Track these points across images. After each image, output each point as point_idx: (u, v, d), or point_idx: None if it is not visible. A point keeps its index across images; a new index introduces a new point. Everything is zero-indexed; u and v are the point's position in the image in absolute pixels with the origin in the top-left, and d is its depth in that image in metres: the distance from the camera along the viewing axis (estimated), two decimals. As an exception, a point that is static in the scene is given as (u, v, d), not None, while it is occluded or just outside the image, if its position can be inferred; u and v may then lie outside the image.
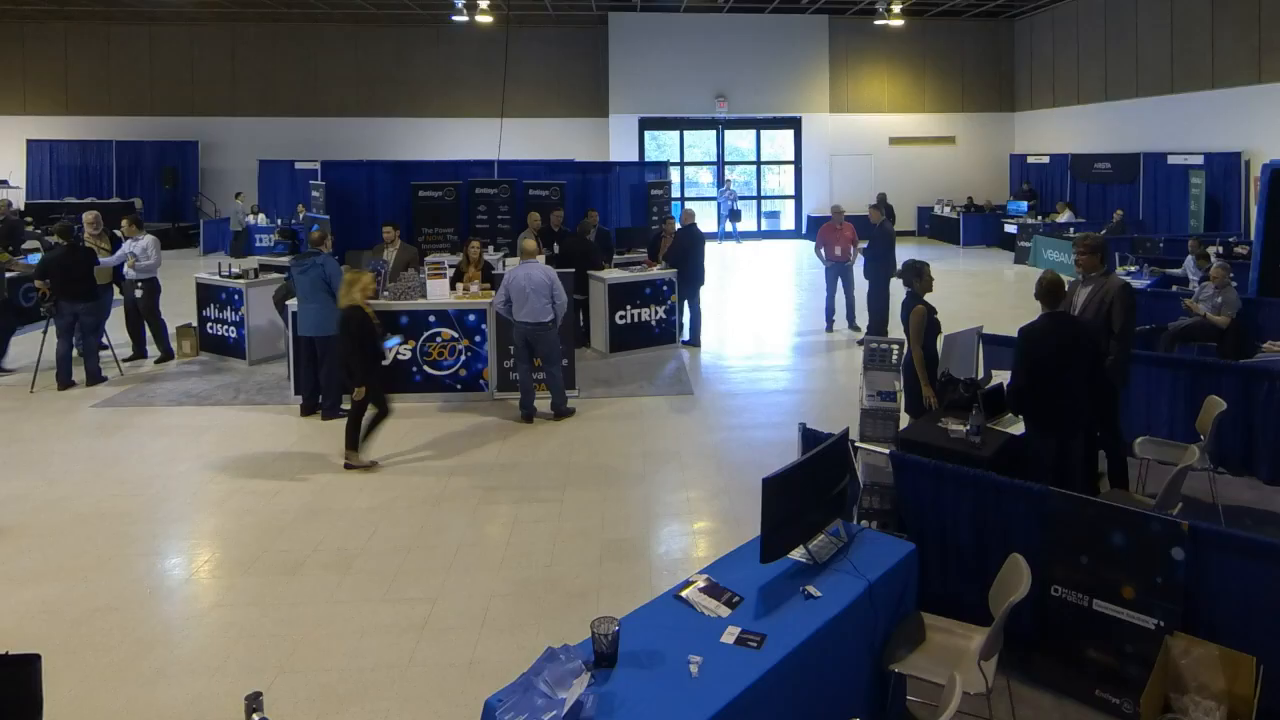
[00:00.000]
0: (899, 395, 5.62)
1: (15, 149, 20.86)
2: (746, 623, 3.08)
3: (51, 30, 21.49)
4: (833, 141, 22.03)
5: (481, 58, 20.98)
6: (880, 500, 4.10)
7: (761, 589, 3.29)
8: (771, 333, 11.14)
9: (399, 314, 7.96)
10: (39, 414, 7.81)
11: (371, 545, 5.13)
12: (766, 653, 2.91)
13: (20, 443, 7.08)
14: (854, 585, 3.26)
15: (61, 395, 8.36)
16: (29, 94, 21.79)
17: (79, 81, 21.82)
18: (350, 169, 14.76)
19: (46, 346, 8.71)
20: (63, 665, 4.01)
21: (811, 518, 3.53)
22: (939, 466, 3.97)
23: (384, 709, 3.65)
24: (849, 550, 3.51)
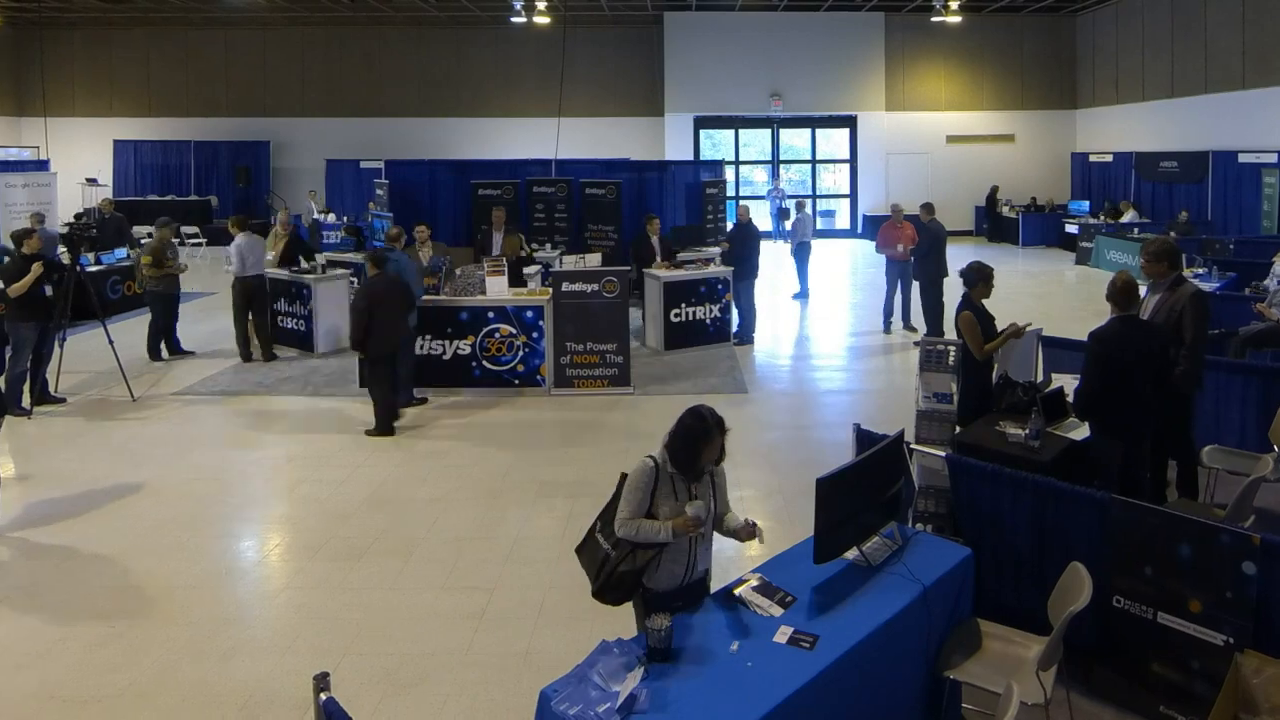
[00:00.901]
0: (955, 397, 5.50)
1: (104, 149, 21.67)
2: (799, 623, 3.06)
3: (136, 37, 22.25)
4: (888, 140, 21.66)
5: (539, 58, 21.12)
6: (936, 504, 4.03)
7: (815, 589, 3.26)
8: (826, 332, 11.01)
9: (459, 310, 8.07)
10: (119, 399, 8.11)
11: (432, 535, 5.22)
12: (819, 654, 2.88)
13: (105, 427, 7.37)
14: (908, 589, 3.20)
15: (163, 385, 8.65)
16: (116, 97, 22.62)
17: (161, 85, 22.57)
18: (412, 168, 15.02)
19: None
20: (149, 637, 4.18)
21: (866, 519, 3.49)
22: (997, 471, 3.88)
23: (443, 694, 3.72)
24: (903, 553, 3.45)
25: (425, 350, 8.09)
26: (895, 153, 21.64)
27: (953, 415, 5.46)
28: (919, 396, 5.63)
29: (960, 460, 4.06)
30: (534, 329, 8.04)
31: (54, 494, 5.92)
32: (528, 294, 8.42)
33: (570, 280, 8.13)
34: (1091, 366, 4.40)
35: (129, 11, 20.38)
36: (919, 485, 4.09)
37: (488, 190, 13.07)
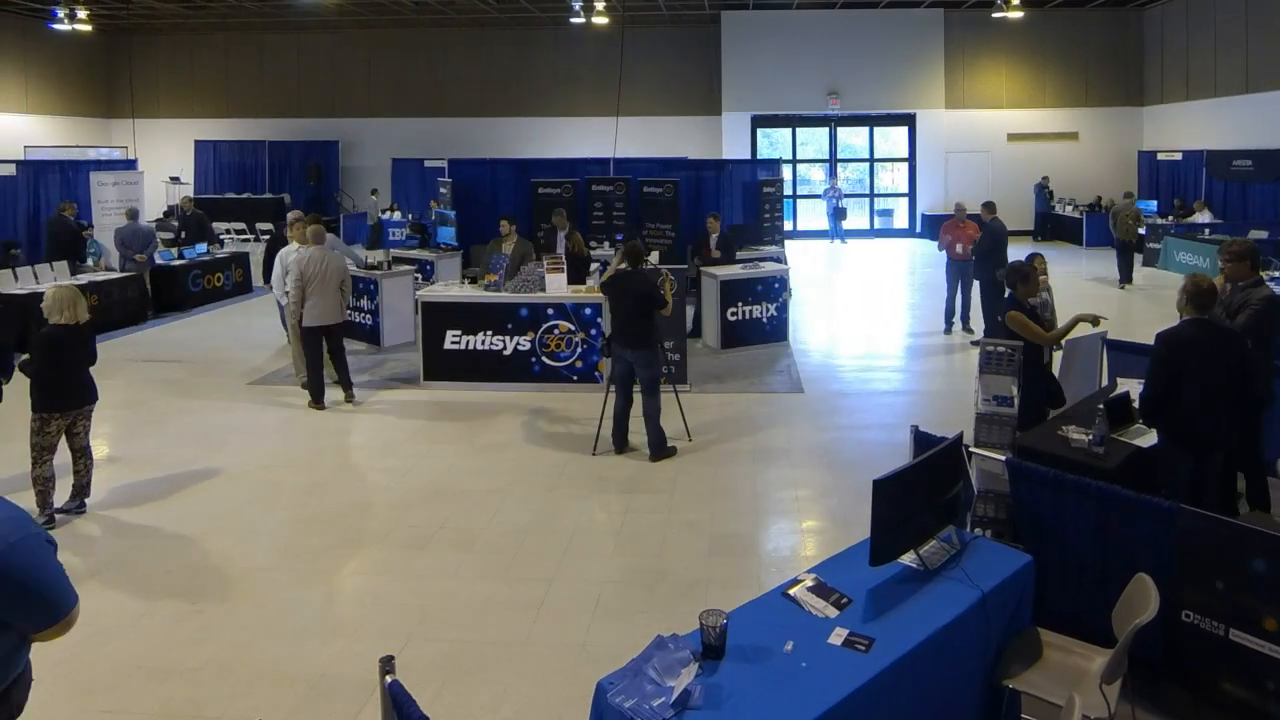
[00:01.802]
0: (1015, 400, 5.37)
1: (186, 149, 22.44)
2: (854, 625, 3.02)
3: (215, 41, 22.97)
4: (948, 138, 21.21)
5: (598, 58, 21.18)
6: (995, 509, 3.94)
7: (870, 592, 3.22)
8: (884, 333, 10.83)
9: (519, 306, 8.15)
10: (201, 387, 8.40)
11: (492, 526, 5.29)
12: (875, 656, 2.84)
13: (188, 413, 7.64)
14: (966, 594, 3.13)
15: (239, 375, 8.92)
16: (196, 99, 23.40)
17: (237, 87, 23.27)
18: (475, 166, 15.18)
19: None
20: (226, 615, 4.33)
21: (923, 522, 3.42)
22: (1059, 477, 3.76)
23: (503, 682, 3.76)
24: (961, 558, 3.38)
25: (486, 345, 8.20)
26: (955, 151, 21.19)
27: (1013, 419, 5.33)
28: (978, 399, 5.50)
29: (1021, 465, 3.96)
30: (592, 326, 8.08)
31: (141, 476, 6.17)
32: (586, 291, 8.46)
33: (628, 278, 8.14)
34: (1155, 370, 4.24)
35: (208, 17, 21.04)
36: (978, 489, 4.00)
37: (548, 189, 13.16)
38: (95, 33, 20.67)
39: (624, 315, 6.33)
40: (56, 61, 21.80)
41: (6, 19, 20.11)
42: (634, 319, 6.26)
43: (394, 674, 2.31)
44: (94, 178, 12.94)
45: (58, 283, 10.48)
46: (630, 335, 6.28)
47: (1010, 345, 5.55)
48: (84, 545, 5.12)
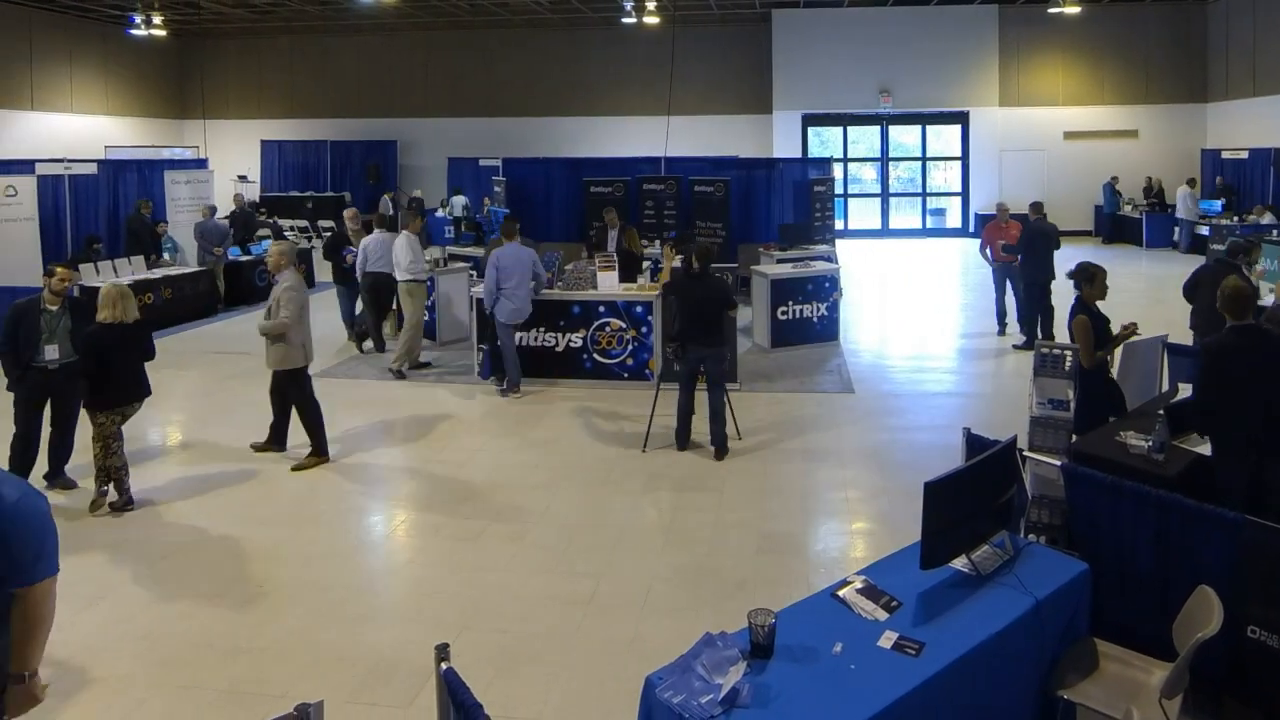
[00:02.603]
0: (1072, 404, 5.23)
1: (253, 149, 23.02)
2: (904, 628, 2.98)
3: (280, 44, 23.52)
4: (1002, 136, 20.70)
5: (649, 57, 21.14)
6: (1050, 514, 3.84)
7: (920, 595, 3.17)
8: (936, 334, 10.62)
9: (571, 304, 8.20)
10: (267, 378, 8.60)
11: (544, 520, 5.34)
12: (925, 661, 2.80)
13: (254, 404, 7.84)
14: (1020, 601, 3.07)
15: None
16: (262, 100, 24.00)
17: (301, 88, 23.79)
18: (528, 165, 15.34)
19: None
20: (289, 599, 4.45)
21: (975, 526, 3.36)
22: (1117, 483, 3.65)
23: (553, 673, 3.80)
24: (1015, 564, 3.32)
25: (539, 341, 8.27)
26: (1009, 149, 20.67)
27: (1069, 423, 5.20)
28: (1032, 402, 5.38)
29: (1077, 470, 3.86)
30: (643, 324, 8.09)
31: (212, 464, 6.36)
32: (637, 289, 8.48)
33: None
34: (1202, 379, 4.09)
35: (273, 21, 21.55)
36: (1032, 494, 3.91)
37: (599, 188, 13.22)
38: (169, 37, 21.33)
39: (698, 316, 6.37)
40: (134, 65, 22.55)
41: (89, 25, 20.87)
42: (711, 319, 6.35)
43: (448, 661, 2.33)
44: (168, 176, 13.35)
45: (134, 276, 10.88)
46: (707, 335, 6.36)
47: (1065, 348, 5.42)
48: (158, 528, 5.30)
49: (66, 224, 11.76)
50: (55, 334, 5.54)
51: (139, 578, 4.67)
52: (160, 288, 11.09)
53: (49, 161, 11.95)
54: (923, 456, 6.13)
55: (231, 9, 19.71)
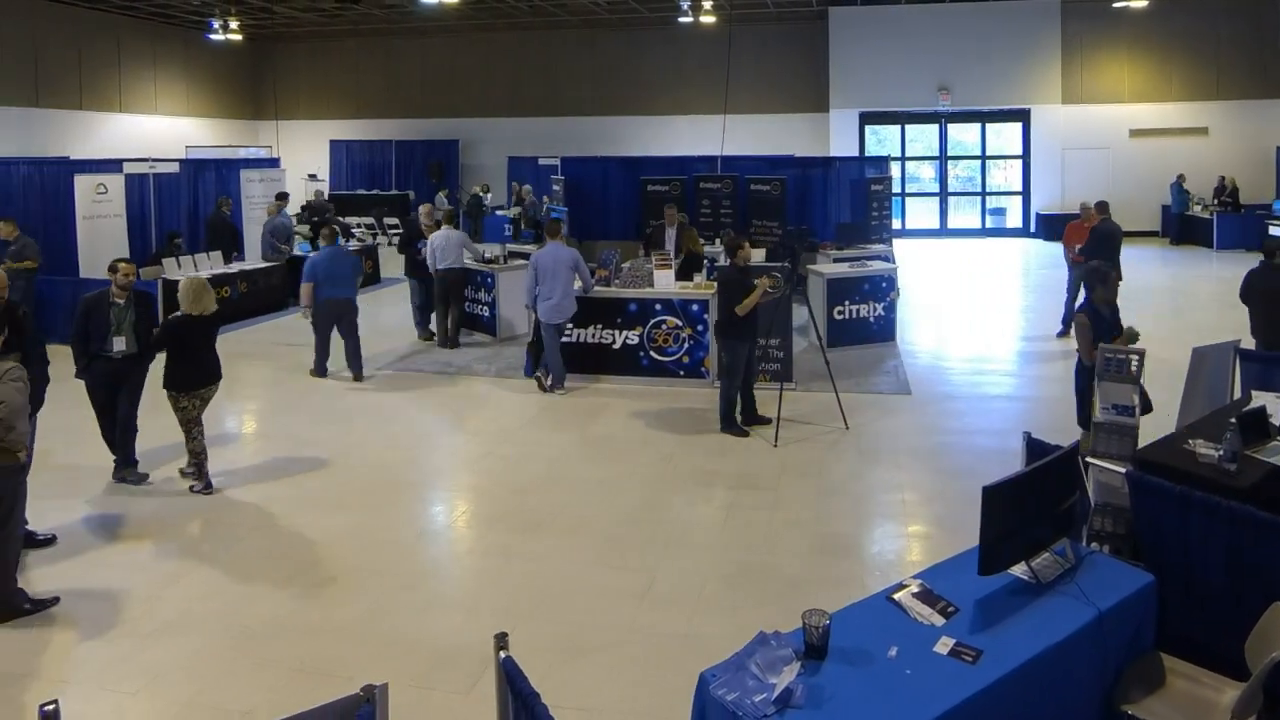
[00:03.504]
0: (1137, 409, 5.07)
1: (322, 148, 23.61)
2: (961, 635, 2.93)
3: (348, 47, 24.05)
4: (1065, 134, 20.07)
5: (705, 56, 21.05)
6: (1113, 523, 3.73)
7: (978, 602, 3.11)
8: (995, 335, 10.36)
9: (628, 301, 8.23)
10: (335, 370, 8.85)
11: (602, 514, 5.38)
12: (983, 669, 2.75)
13: (323, 394, 8.07)
14: (1082, 612, 2.99)
15: (369, 360, 9.28)
16: (331, 101, 24.59)
17: (367, 89, 24.30)
18: (586, 164, 15.42)
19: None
20: (358, 584, 4.58)
21: (1035, 533, 3.29)
22: (1185, 493, 3.51)
23: (609, 666, 3.83)
24: (1076, 573, 3.23)
25: (596, 339, 8.32)
26: (1072, 148, 20.04)
27: (1134, 429, 5.04)
28: (1096, 407, 5.23)
29: (1142, 478, 3.73)
30: (699, 322, 8.08)
31: (284, 452, 6.56)
32: (694, 287, 8.47)
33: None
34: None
35: (342, 24, 22.04)
36: (1094, 502, 3.80)
37: (656, 186, 13.23)
38: (244, 41, 21.98)
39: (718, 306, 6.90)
40: (212, 69, 23.31)
41: (172, 31, 21.64)
42: (720, 310, 6.79)
43: (507, 650, 2.37)
44: (243, 175, 13.78)
45: (212, 270, 11.26)
46: (717, 325, 6.91)
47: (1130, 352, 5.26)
48: (234, 512, 5.49)
49: (151, 220, 12.23)
50: (122, 326, 5.76)
51: (217, 558, 4.85)
52: (236, 281, 11.46)
53: (135, 161, 12.43)
54: (981, 460, 6.01)
55: (302, 13, 20.21)
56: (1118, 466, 3.89)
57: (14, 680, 3.76)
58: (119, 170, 11.68)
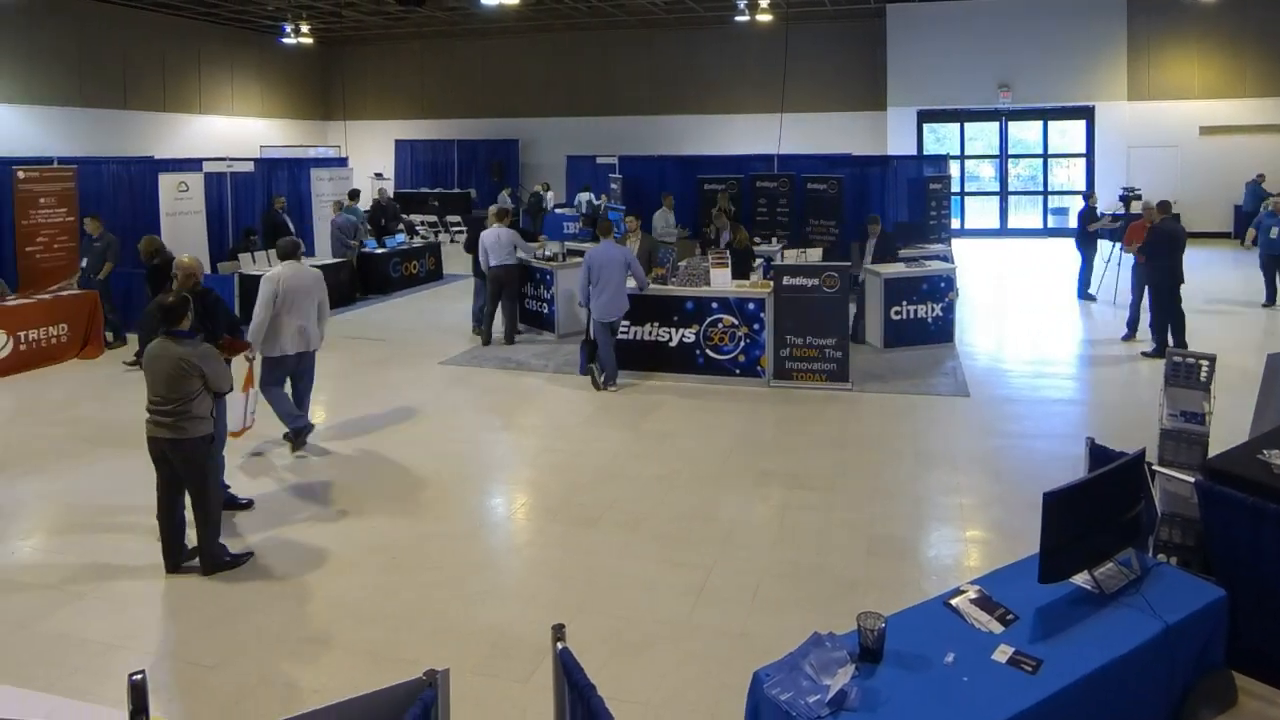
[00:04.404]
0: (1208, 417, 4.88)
1: (387, 147, 24.11)
2: (1020, 643, 2.87)
3: (412, 49, 24.49)
4: (1130, 132, 19.33)
5: (762, 55, 20.88)
6: (1181, 534, 3.61)
7: (1038, 611, 3.04)
8: (1057, 337, 10.03)
9: (685, 299, 8.22)
10: (402, 364, 9.05)
11: (657, 511, 5.38)
12: (1043, 679, 2.69)
13: (390, 387, 8.25)
14: (1147, 625, 2.90)
15: (432, 354, 9.52)
16: (396, 102, 25.08)
17: (431, 90, 24.72)
18: (643, 163, 15.44)
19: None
20: (417, 573, 4.66)
21: (1099, 542, 3.20)
22: (1259, 506, 3.37)
23: (663, 661, 3.84)
24: (1142, 585, 3.14)
25: (653, 336, 8.33)
26: (1138, 146, 19.30)
27: (1204, 437, 4.85)
28: (1163, 414, 5.05)
29: (1213, 489, 3.59)
30: (755, 321, 8.03)
31: (353, 444, 6.71)
32: (750, 286, 8.42)
33: (791, 274, 8.04)
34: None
35: (407, 27, 22.45)
36: (1161, 512, 3.68)
37: (713, 185, 13.18)
38: (315, 45, 22.56)
39: None
40: (284, 71, 23.98)
41: (249, 35, 22.33)
42: None
43: (564, 641, 2.38)
44: (314, 174, 14.14)
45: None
46: None
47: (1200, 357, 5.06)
48: (304, 499, 5.64)
49: (228, 217, 12.63)
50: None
51: (288, 544, 5.00)
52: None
53: (214, 160, 12.85)
54: (1041, 466, 5.84)
55: (369, 16, 20.64)
56: (1186, 476, 3.76)
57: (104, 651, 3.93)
58: (199, 169, 12.10)
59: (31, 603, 4.36)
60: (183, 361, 4.44)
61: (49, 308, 9.25)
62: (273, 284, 6.16)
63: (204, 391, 4.53)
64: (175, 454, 4.54)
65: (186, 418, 4.48)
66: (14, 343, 8.83)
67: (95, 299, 9.65)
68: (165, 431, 4.50)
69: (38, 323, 9.08)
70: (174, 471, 4.59)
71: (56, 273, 9.85)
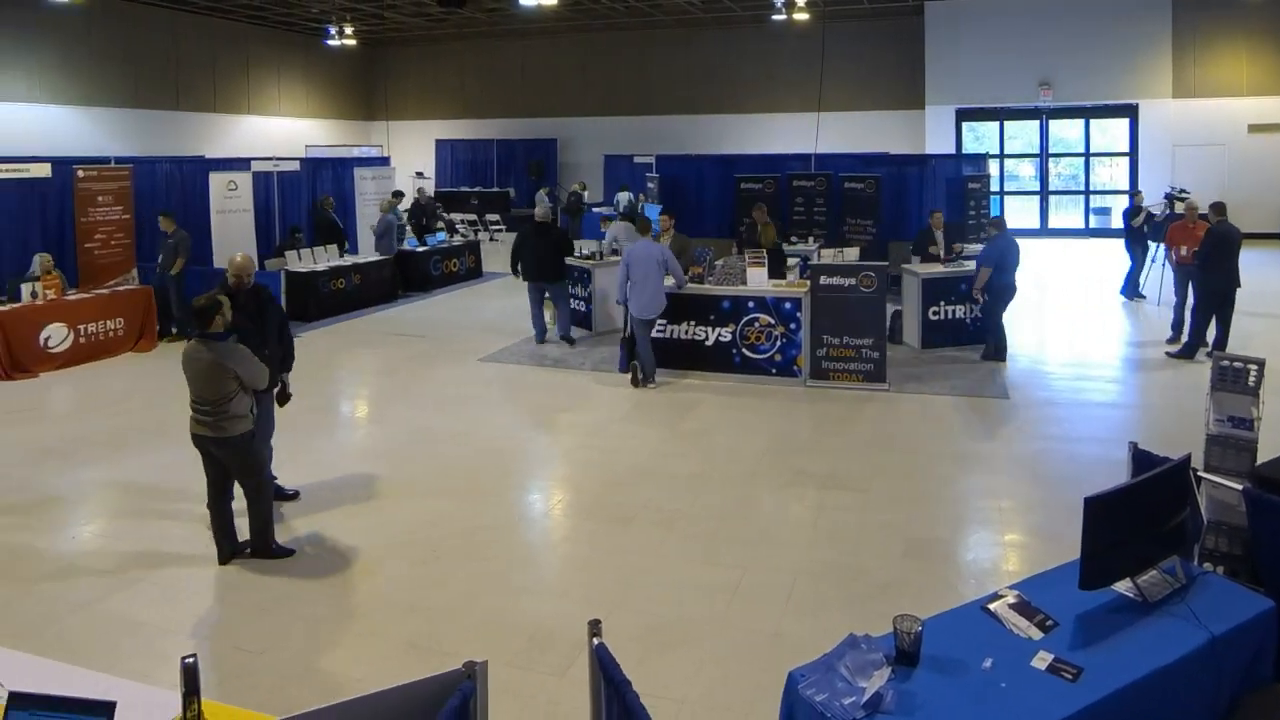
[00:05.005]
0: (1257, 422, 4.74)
1: (428, 147, 24.36)
2: (1060, 650, 2.80)
3: (453, 50, 24.71)
4: (1176, 130, 18.79)
5: (799, 54, 20.70)
6: (1229, 543, 3.51)
7: (1079, 617, 2.97)
8: (1100, 339, 9.80)
9: (721, 298, 8.19)
10: (442, 360, 9.15)
11: (692, 509, 5.37)
12: (1083, 688, 2.62)
13: (431, 382, 8.35)
14: (1192, 635, 2.82)
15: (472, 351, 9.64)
16: (437, 102, 25.33)
17: (471, 90, 24.92)
18: (680, 162, 15.39)
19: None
20: (458, 566, 4.72)
21: (1142, 549, 3.12)
22: (1310, 515, 3.28)
23: (698, 659, 3.83)
24: (1187, 594, 3.05)
25: (690, 335, 8.32)
26: (1184, 144, 18.76)
27: (1252, 443, 4.72)
28: (1210, 419, 4.92)
29: (1262, 496, 3.48)
30: (792, 320, 7.98)
31: (394, 439, 6.81)
32: (787, 286, 8.37)
33: (828, 274, 7.98)
34: None
35: (447, 28, 22.66)
36: (1207, 519, 3.58)
37: (750, 184, 13.11)
38: (358, 46, 22.86)
39: None
40: (329, 72, 24.35)
41: (294, 38, 22.71)
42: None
43: (600, 637, 2.38)
44: (357, 173, 14.34)
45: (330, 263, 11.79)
46: None
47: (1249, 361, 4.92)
48: (346, 493, 5.73)
49: (275, 215, 12.86)
50: None
51: (333, 535, 5.09)
52: (351, 274, 11.96)
53: (261, 159, 13.09)
54: (1083, 470, 5.71)
55: (410, 18, 20.86)
56: (1234, 483, 3.66)
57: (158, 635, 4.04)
58: (247, 168, 12.33)
59: (90, 586, 4.50)
60: (216, 365, 4.51)
61: (106, 302, 9.53)
62: None
63: (240, 391, 4.59)
64: (219, 451, 4.64)
65: (226, 417, 4.56)
66: (74, 336, 9.11)
67: (150, 294, 9.92)
68: (207, 430, 4.60)
69: (96, 317, 9.37)
70: (221, 466, 4.70)
71: (113, 268, 10.12)
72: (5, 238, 9.63)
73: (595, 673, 2.40)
